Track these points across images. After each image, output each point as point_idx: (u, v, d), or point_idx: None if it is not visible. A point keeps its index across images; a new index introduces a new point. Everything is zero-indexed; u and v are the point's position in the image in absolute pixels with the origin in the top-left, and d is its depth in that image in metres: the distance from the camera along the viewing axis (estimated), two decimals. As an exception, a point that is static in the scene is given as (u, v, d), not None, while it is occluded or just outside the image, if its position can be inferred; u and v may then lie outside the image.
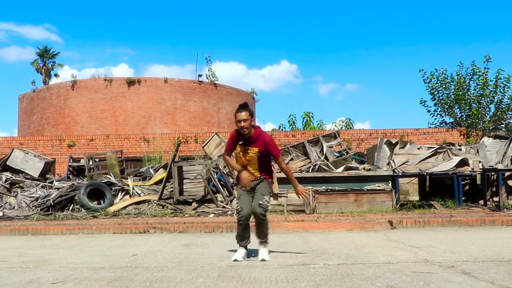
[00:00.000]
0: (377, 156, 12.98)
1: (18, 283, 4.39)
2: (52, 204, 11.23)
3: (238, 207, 5.40)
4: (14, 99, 32.65)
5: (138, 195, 11.91)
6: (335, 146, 14.58)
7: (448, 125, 20.20)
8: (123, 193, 12.10)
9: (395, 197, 10.94)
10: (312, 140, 14.34)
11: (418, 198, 11.54)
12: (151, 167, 14.16)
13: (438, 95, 19.99)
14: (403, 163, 11.73)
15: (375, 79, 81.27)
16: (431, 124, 20.83)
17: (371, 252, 5.82)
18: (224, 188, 11.71)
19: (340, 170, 12.12)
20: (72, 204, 11.42)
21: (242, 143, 5.44)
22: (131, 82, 25.51)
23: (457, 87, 19.56)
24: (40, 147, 18.87)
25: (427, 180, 11.11)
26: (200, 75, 26.87)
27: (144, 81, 25.82)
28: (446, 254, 5.54)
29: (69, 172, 15.49)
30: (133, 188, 12.11)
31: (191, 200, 11.61)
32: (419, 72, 20.16)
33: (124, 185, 12.31)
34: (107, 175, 13.14)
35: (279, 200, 10.88)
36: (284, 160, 5.59)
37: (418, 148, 13.01)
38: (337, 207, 10.83)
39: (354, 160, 14.11)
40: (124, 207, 11.30)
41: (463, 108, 19.62)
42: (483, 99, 19.34)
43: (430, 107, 20.42)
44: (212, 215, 10.46)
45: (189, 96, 26.02)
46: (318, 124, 29.81)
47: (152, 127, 23.96)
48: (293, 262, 5.20)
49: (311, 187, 10.91)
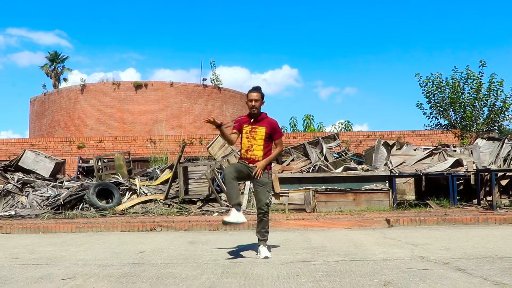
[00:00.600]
0: (375, 157, 12.96)
1: (30, 279, 4.40)
2: (62, 203, 11.23)
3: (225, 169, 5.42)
4: (26, 102, 32.73)
5: (145, 194, 11.91)
6: (334, 148, 14.58)
7: (443, 127, 20.20)
8: (131, 192, 12.11)
9: (392, 196, 10.92)
10: (312, 142, 14.35)
11: (414, 198, 11.52)
12: (158, 168, 14.16)
13: (433, 98, 20.00)
14: (400, 164, 11.72)
15: (373, 83, 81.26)
16: (426, 126, 20.85)
17: (369, 249, 5.81)
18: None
19: (339, 170, 12.11)
20: (82, 203, 11.42)
21: (249, 124, 5.48)
22: (138, 86, 25.56)
23: (452, 91, 19.56)
24: (50, 149, 18.91)
25: (423, 180, 11.09)
26: (204, 79, 26.92)
27: (151, 85, 25.87)
28: (441, 251, 5.53)
29: (78, 173, 15.50)
30: (140, 188, 12.11)
31: (196, 199, 11.61)
32: (415, 76, 20.20)
33: (131, 185, 12.31)
34: (115, 175, 13.15)
35: (280, 199, 10.87)
36: (282, 143, 5.59)
37: (414, 150, 12.99)
38: (336, 206, 10.82)
39: (352, 161, 14.09)
40: (132, 206, 11.31)
41: (457, 110, 19.61)
42: (477, 102, 19.34)
43: (426, 109, 20.45)
44: (216, 213, 10.46)
45: (194, 99, 26.05)
46: (318, 126, 29.81)
47: (158, 129, 23.99)
48: (294, 259, 5.20)
49: (311, 187, 10.92)
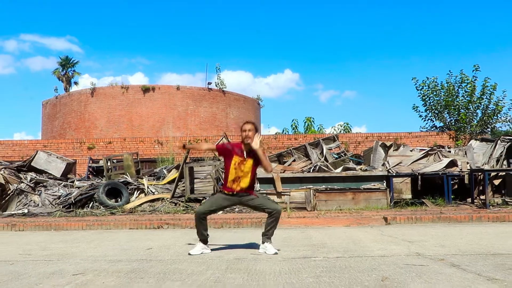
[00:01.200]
0: (373, 157, 12.94)
1: (42, 274, 4.41)
2: (73, 202, 11.25)
3: (203, 202, 5.35)
4: (38, 105, 32.82)
5: (153, 193, 11.93)
6: (334, 149, 14.56)
7: (438, 129, 20.15)
8: (139, 191, 12.12)
9: (390, 195, 10.91)
10: (313, 143, 14.33)
11: (410, 196, 11.50)
12: (165, 168, 14.17)
13: (429, 101, 19.95)
14: (397, 164, 11.70)
15: (372, 87, 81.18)
16: (422, 128, 20.78)
17: (367, 246, 5.81)
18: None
19: (338, 170, 12.10)
20: (92, 202, 11.44)
21: (240, 156, 5.32)
22: (146, 90, 25.59)
23: (446, 94, 19.51)
24: (62, 149, 18.94)
25: (419, 180, 11.08)
26: (209, 83, 26.94)
27: (158, 88, 25.89)
28: (437, 248, 5.52)
29: (88, 172, 15.52)
30: (148, 187, 12.13)
31: (201, 198, 11.61)
32: (412, 80, 20.15)
33: (139, 184, 12.32)
34: (124, 175, 13.17)
35: (282, 198, 10.86)
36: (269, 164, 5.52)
37: (411, 150, 12.97)
38: (336, 205, 10.81)
39: (351, 161, 14.08)
40: (140, 205, 11.32)
41: (452, 113, 19.56)
42: (470, 105, 19.29)
43: (422, 112, 20.39)
44: (221, 212, 10.45)
45: (199, 102, 26.06)
46: (319, 128, 29.78)
47: (165, 130, 24.02)
48: (295, 255, 5.20)
49: (312, 186, 10.91)
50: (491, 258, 4.74)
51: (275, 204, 5.54)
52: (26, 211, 10.97)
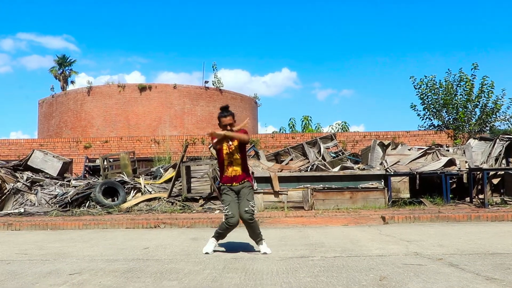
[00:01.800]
0: (370, 156, 12.96)
1: (39, 273, 4.40)
2: (70, 201, 11.24)
3: (229, 213, 5.17)
4: (35, 104, 32.74)
5: (149, 192, 11.92)
6: (331, 147, 14.57)
7: (436, 127, 20.17)
8: (135, 191, 12.11)
9: (388, 194, 10.92)
10: (310, 142, 14.35)
11: (409, 196, 11.50)
12: (161, 167, 14.16)
13: (427, 100, 19.97)
14: (395, 163, 11.71)
15: (369, 85, 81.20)
16: (420, 127, 20.81)
17: (365, 245, 5.81)
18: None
19: (336, 169, 12.11)
20: (88, 201, 11.42)
21: (227, 142, 5.33)
22: (142, 88, 25.56)
23: (445, 93, 19.53)
24: (58, 148, 18.89)
25: (417, 179, 11.09)
26: (206, 82, 26.94)
27: (154, 87, 25.86)
28: (435, 247, 5.53)
29: (85, 172, 15.50)
30: (144, 186, 12.12)
31: (198, 197, 11.61)
32: (410, 78, 20.18)
33: (136, 183, 12.31)
34: (121, 174, 13.15)
35: (279, 197, 10.87)
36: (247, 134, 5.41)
37: (409, 149, 12.99)
38: (333, 204, 10.81)
39: (349, 160, 14.09)
40: (136, 204, 11.31)
41: (450, 112, 19.59)
42: (469, 103, 19.33)
43: (420, 111, 20.40)
44: (218, 211, 10.45)
45: (196, 101, 26.06)
46: (316, 127, 29.83)
47: (162, 129, 23.99)
48: (293, 254, 5.20)
49: (309, 185, 10.91)
50: (490, 258, 4.75)
51: (246, 212, 5.20)
52: (22, 210, 10.95)
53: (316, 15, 79.05)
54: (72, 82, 39.75)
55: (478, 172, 11.32)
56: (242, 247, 5.83)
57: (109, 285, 3.87)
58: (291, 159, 13.58)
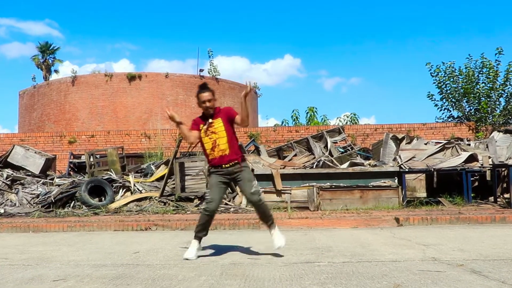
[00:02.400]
0: (382, 151, 12.94)
1: (20, 280, 4.40)
2: (53, 201, 11.25)
3: (208, 196, 5.32)
4: (15, 95, 32.77)
5: (140, 192, 11.93)
6: (339, 142, 14.57)
7: (456, 119, 20.15)
8: (124, 190, 12.12)
9: (402, 193, 10.91)
10: (316, 136, 14.34)
11: (425, 195, 11.50)
12: (153, 164, 14.16)
13: (445, 88, 19.94)
14: (410, 159, 11.70)
15: (381, 73, 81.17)
16: (438, 119, 20.81)
17: (377, 250, 5.81)
18: (227, 185, 11.68)
19: (344, 166, 12.10)
20: (73, 201, 11.44)
21: (205, 124, 5.45)
22: (131, 78, 25.55)
23: (465, 81, 19.48)
24: (40, 144, 18.93)
25: (435, 176, 11.07)
26: (201, 70, 26.92)
27: (145, 76, 25.85)
28: (455, 252, 5.52)
29: (70, 169, 15.53)
30: (134, 185, 12.12)
31: (193, 197, 11.61)
32: (426, 65, 20.16)
33: (125, 181, 12.32)
34: (108, 172, 13.17)
35: (282, 196, 10.87)
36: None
37: (425, 144, 12.96)
38: (341, 204, 10.82)
39: (359, 156, 14.08)
40: (125, 204, 11.32)
41: (471, 102, 19.55)
42: (492, 92, 19.25)
43: (438, 101, 20.38)
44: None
45: (190, 91, 26.00)
46: (322, 119, 29.80)
47: (153, 123, 24.00)
48: (297, 260, 5.19)
49: (315, 183, 10.91)
50: (515, 263, 4.74)
51: (253, 194, 5.33)
52: (2, 211, 10.98)
53: (323, -4, 78.85)
54: (56, 71, 39.85)
55: (503, 169, 11.30)
56: (241, 251, 5.83)
57: (95, 293, 3.86)
58: (295, 155, 13.57)
